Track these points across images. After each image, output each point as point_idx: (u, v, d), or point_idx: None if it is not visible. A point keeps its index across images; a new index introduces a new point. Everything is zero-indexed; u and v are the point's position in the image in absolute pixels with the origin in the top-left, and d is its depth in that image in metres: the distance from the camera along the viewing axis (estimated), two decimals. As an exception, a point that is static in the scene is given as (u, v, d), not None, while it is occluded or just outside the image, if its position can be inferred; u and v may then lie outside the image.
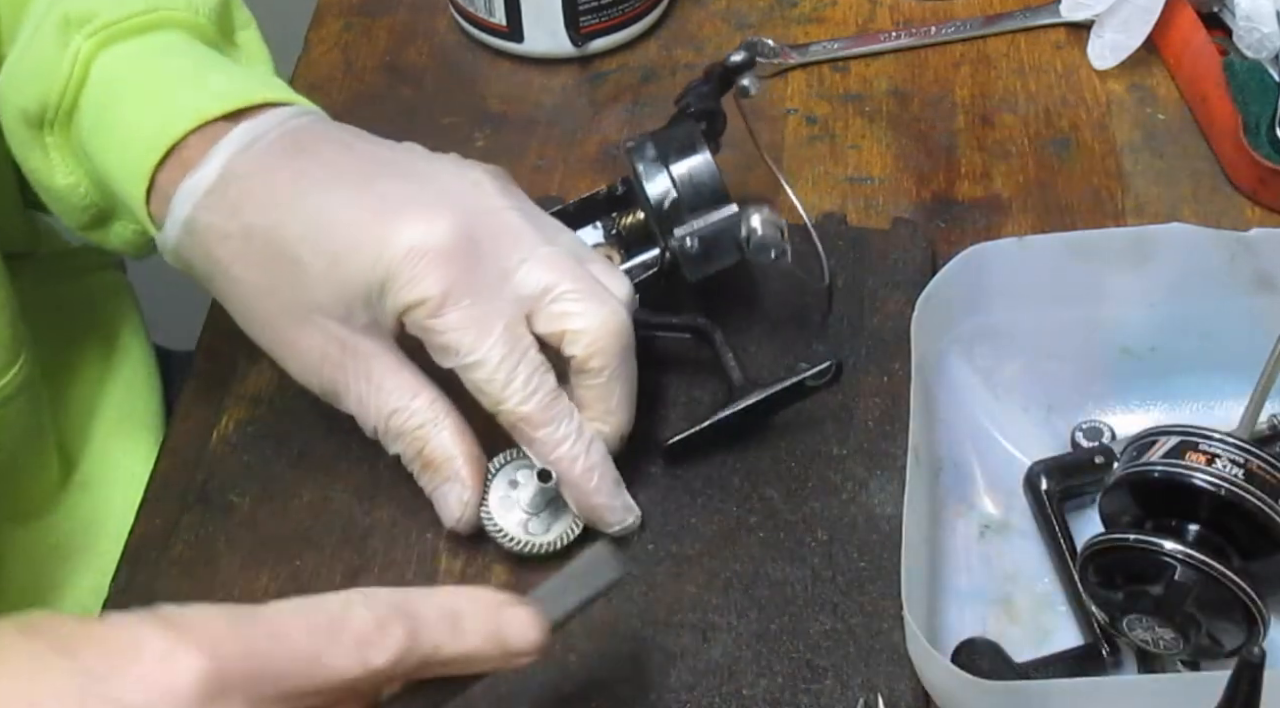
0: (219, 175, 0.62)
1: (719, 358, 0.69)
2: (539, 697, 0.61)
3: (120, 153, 0.64)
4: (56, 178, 0.67)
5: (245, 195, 0.62)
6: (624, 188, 0.71)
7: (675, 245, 0.68)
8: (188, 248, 0.63)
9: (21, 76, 0.66)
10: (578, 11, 0.86)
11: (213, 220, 0.62)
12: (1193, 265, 0.67)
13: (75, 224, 0.70)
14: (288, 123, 0.64)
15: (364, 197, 0.61)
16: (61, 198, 0.68)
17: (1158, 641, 0.59)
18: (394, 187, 0.62)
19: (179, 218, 0.63)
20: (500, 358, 0.60)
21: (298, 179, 0.62)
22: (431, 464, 0.63)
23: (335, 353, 0.62)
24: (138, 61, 0.65)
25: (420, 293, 0.59)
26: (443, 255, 0.59)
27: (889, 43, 0.89)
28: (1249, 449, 0.59)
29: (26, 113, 0.65)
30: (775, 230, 0.68)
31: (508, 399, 0.61)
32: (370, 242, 0.60)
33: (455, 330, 0.60)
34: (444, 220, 0.60)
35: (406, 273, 0.59)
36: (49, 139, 0.66)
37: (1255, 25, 0.81)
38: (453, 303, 0.59)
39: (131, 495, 0.74)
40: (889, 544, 0.64)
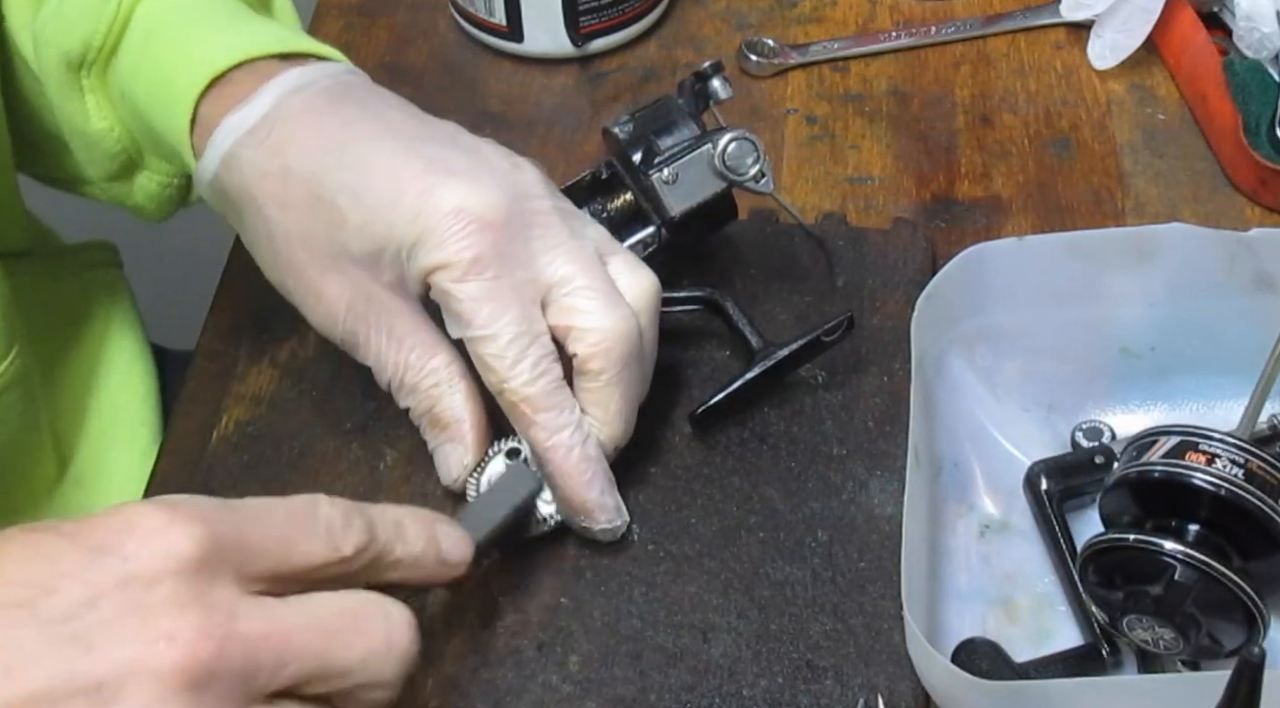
0: (265, 114, 0.62)
1: (730, 326, 0.70)
2: (539, 697, 0.61)
3: (164, 85, 0.65)
4: (92, 121, 0.68)
5: (290, 136, 0.62)
6: (609, 172, 0.72)
7: (655, 183, 0.69)
8: (225, 182, 0.64)
9: (66, 19, 0.66)
10: (578, 11, 0.86)
11: (254, 157, 0.62)
12: (1193, 265, 0.67)
13: (102, 173, 0.71)
14: (338, 76, 0.65)
15: (411, 155, 0.62)
16: (95, 144, 0.69)
17: (1158, 641, 0.59)
18: (441, 151, 0.62)
19: (219, 151, 0.63)
20: (512, 336, 0.60)
21: (345, 127, 0.63)
22: (439, 423, 0.64)
23: (360, 304, 0.62)
24: (182, 6, 0.66)
25: (450, 255, 0.60)
26: (479, 223, 0.60)
27: (889, 43, 0.89)
28: (1249, 449, 0.59)
29: (69, 55, 0.66)
30: (748, 144, 0.68)
31: (513, 378, 0.61)
32: (411, 198, 0.60)
33: (473, 300, 0.60)
34: (487, 190, 0.60)
35: (441, 233, 0.59)
36: (86, 82, 0.67)
37: (1255, 25, 0.81)
38: (477, 272, 0.60)
39: (127, 493, 0.74)
40: (889, 544, 0.64)
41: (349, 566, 0.53)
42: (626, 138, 0.71)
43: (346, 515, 0.53)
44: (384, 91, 0.67)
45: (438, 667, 0.62)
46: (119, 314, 0.85)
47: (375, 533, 0.54)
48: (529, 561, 0.65)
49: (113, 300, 0.86)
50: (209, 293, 0.77)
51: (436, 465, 0.65)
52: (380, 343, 0.63)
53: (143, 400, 0.82)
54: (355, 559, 0.53)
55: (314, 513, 0.52)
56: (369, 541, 0.53)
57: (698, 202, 0.70)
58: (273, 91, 0.63)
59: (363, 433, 0.70)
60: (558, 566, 0.65)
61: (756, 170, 0.69)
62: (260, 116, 0.63)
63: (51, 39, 0.67)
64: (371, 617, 0.52)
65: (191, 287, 0.76)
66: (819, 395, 0.70)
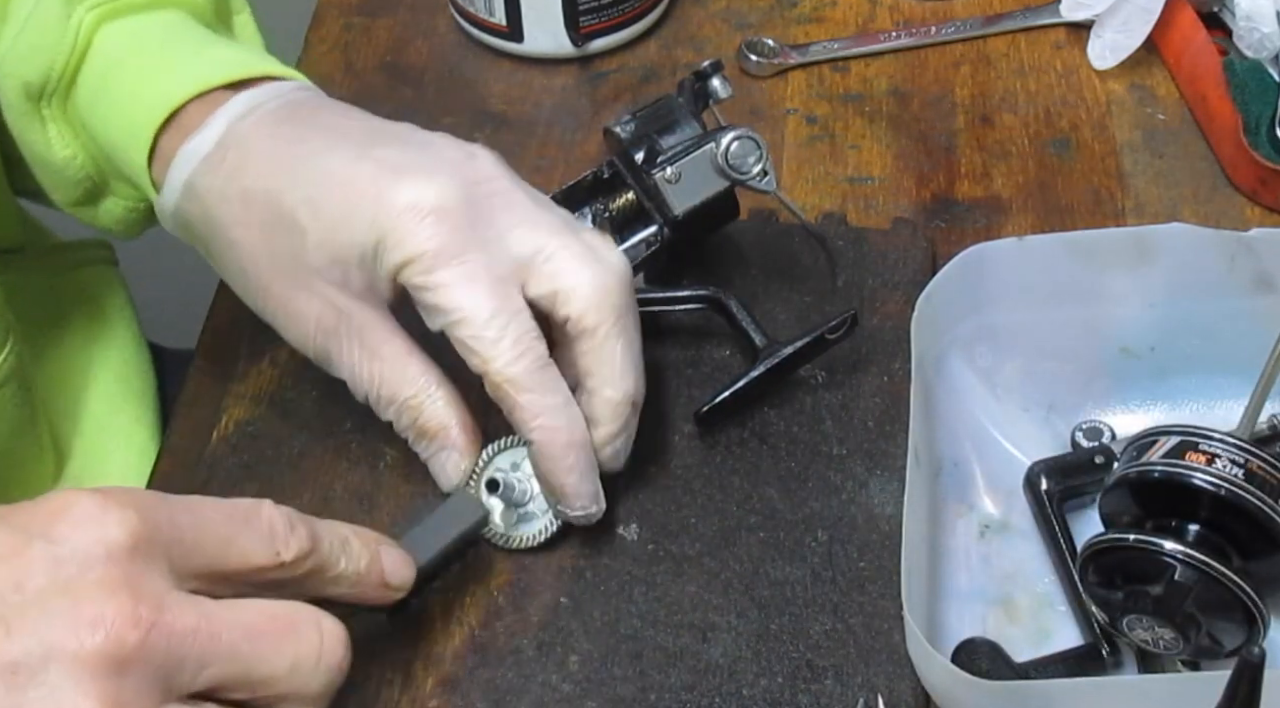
0: (218, 140, 0.63)
1: (733, 324, 0.70)
2: (539, 697, 0.61)
3: (122, 120, 0.65)
4: (54, 150, 0.68)
5: (245, 159, 0.63)
6: (610, 171, 0.72)
7: (658, 182, 0.69)
8: (187, 212, 0.64)
9: (24, 49, 0.66)
10: (578, 11, 0.86)
11: (212, 184, 0.63)
12: (1193, 265, 0.67)
13: (68, 200, 0.71)
14: (288, 94, 0.65)
15: (362, 160, 0.62)
16: (58, 171, 0.69)
17: (1158, 641, 0.59)
18: (392, 152, 0.62)
19: (178, 181, 0.63)
20: (489, 314, 0.60)
21: (297, 144, 0.63)
22: (426, 433, 0.63)
23: (330, 319, 0.62)
24: (138, 36, 0.66)
25: (413, 250, 0.59)
26: (437, 214, 0.59)
27: (889, 43, 0.89)
28: (1249, 449, 0.59)
29: (29, 86, 0.67)
30: (750, 142, 0.68)
31: (495, 358, 0.60)
32: (367, 202, 0.60)
33: (445, 287, 0.59)
34: (439, 182, 0.60)
35: (401, 230, 0.59)
36: (46, 112, 0.67)
37: (1255, 25, 0.81)
38: (444, 261, 0.59)
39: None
40: (889, 544, 0.65)
41: (289, 572, 0.52)
42: (628, 137, 0.71)
43: (290, 522, 0.53)
44: (335, 103, 0.67)
45: (438, 667, 0.62)
46: (115, 312, 0.85)
47: (319, 544, 0.53)
48: (529, 560, 0.65)
49: (108, 298, 0.86)
50: (208, 292, 0.77)
51: (434, 475, 0.65)
52: (353, 356, 0.62)
53: (140, 399, 0.82)
54: (295, 566, 0.52)
55: (256, 515, 0.52)
56: (311, 549, 0.53)
57: (700, 200, 0.70)
58: (223, 118, 0.63)
59: (363, 433, 0.69)
60: (558, 566, 0.65)
61: (759, 169, 0.69)
62: (214, 143, 0.63)
63: (11, 70, 0.67)
64: (304, 626, 0.51)
65: (190, 286, 0.76)
66: (819, 395, 0.70)
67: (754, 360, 0.68)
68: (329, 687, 0.52)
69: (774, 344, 0.68)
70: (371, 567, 0.56)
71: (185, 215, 0.64)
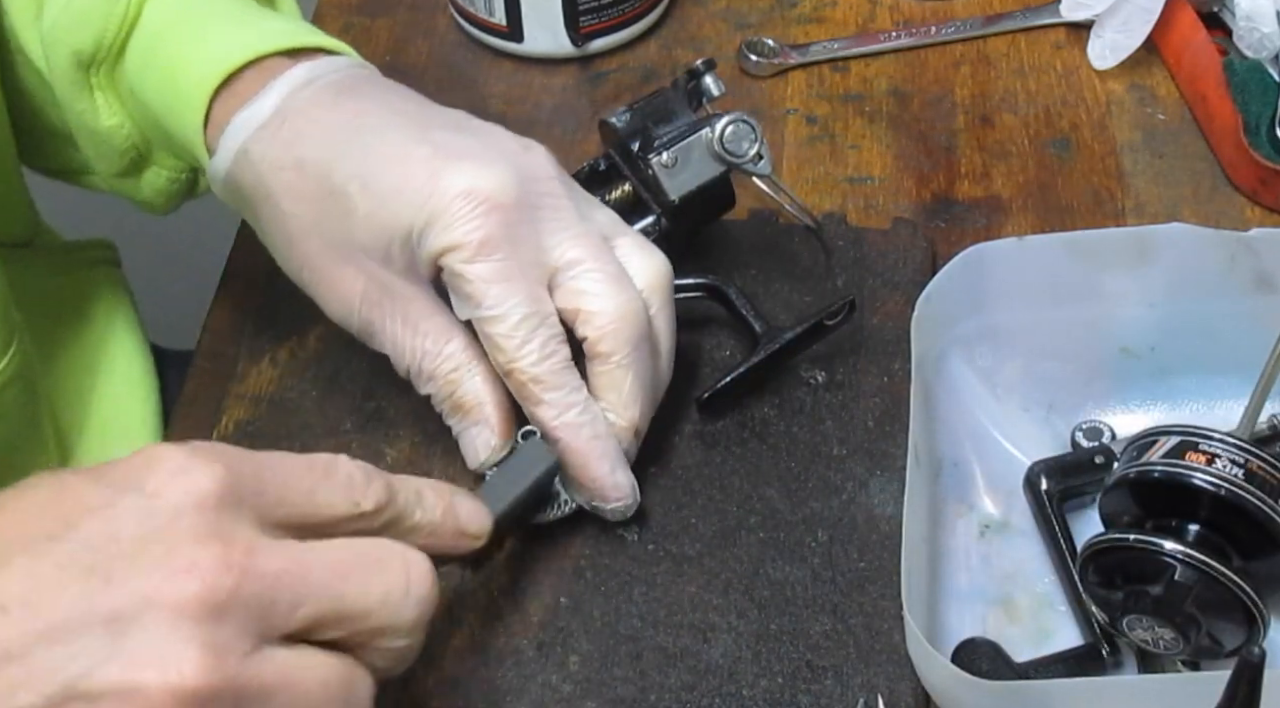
0: (276, 108, 0.63)
1: (733, 312, 0.70)
2: (539, 697, 0.61)
3: (176, 85, 0.65)
4: (102, 119, 0.69)
5: (302, 129, 0.63)
6: (606, 164, 0.72)
7: (654, 168, 0.69)
8: (239, 179, 0.64)
9: (74, 18, 0.67)
10: (578, 11, 0.86)
11: (267, 152, 0.63)
12: (1193, 265, 0.67)
13: (111, 170, 0.72)
14: (345, 69, 0.66)
15: (420, 142, 0.62)
16: (104, 140, 0.70)
17: (1158, 641, 0.59)
18: (450, 137, 0.63)
19: (232, 147, 0.64)
20: (522, 316, 0.61)
21: (355, 118, 0.63)
22: (461, 407, 0.64)
23: (374, 293, 0.63)
24: (189, 5, 0.67)
25: (459, 236, 0.60)
26: (488, 205, 0.60)
27: (889, 43, 0.89)
28: (1249, 449, 0.59)
29: (79, 54, 0.67)
30: (745, 126, 0.69)
31: (522, 358, 0.61)
32: (421, 182, 0.60)
33: (483, 281, 0.60)
34: (496, 172, 0.61)
35: (451, 215, 0.60)
36: (95, 80, 0.68)
37: (1255, 25, 0.81)
38: (486, 253, 0.60)
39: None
40: (889, 544, 0.64)
41: (368, 522, 0.53)
42: (625, 128, 0.71)
43: (367, 474, 0.53)
44: (392, 83, 0.67)
45: (438, 667, 0.62)
46: (119, 313, 0.85)
47: (395, 495, 0.54)
48: (529, 560, 0.65)
49: (112, 299, 0.86)
50: (209, 293, 0.77)
51: (463, 450, 0.65)
52: (395, 330, 0.63)
53: (144, 401, 0.82)
54: (375, 516, 0.53)
55: (335, 468, 0.53)
56: (388, 500, 0.54)
57: (697, 186, 0.70)
58: (282, 87, 0.64)
59: (363, 433, 0.70)
60: (558, 565, 0.65)
61: (754, 152, 0.69)
62: (271, 111, 0.63)
63: (61, 38, 0.67)
64: (390, 560, 0.52)
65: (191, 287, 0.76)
66: (819, 395, 0.70)
67: (753, 349, 0.69)
68: (421, 618, 0.53)
69: (774, 330, 0.69)
70: (446, 516, 0.56)
71: (237, 182, 0.64)
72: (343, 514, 0.52)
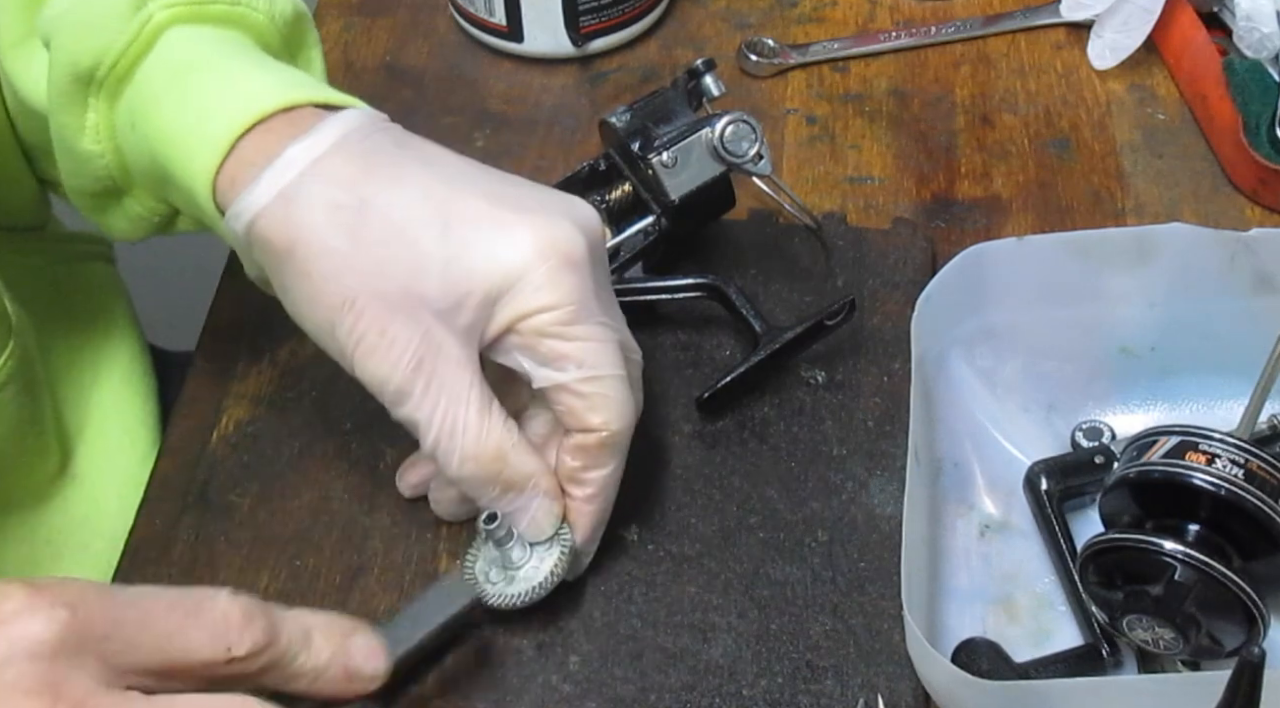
0: (334, 144, 0.59)
1: (733, 311, 0.70)
2: (539, 697, 0.61)
3: (190, 120, 0.61)
4: (84, 141, 0.64)
5: (367, 171, 0.59)
6: (606, 164, 0.72)
7: (655, 167, 0.69)
8: (278, 216, 0.59)
9: (83, 25, 0.62)
10: (578, 11, 0.86)
11: (324, 190, 0.58)
12: (1193, 265, 0.67)
13: (80, 190, 0.68)
14: (392, 124, 0.62)
15: (494, 197, 0.59)
16: (82, 162, 0.66)
17: (1158, 641, 0.59)
18: (523, 192, 0.60)
19: (279, 182, 0.58)
20: (621, 376, 0.60)
21: (424, 167, 0.60)
22: (515, 485, 0.60)
23: (425, 351, 0.58)
24: (213, 44, 0.63)
25: (557, 298, 0.58)
26: (578, 264, 0.58)
27: (889, 43, 0.89)
28: (1249, 449, 0.59)
29: (78, 67, 0.62)
30: (745, 126, 0.69)
31: (616, 421, 0.60)
32: (501, 238, 0.58)
33: (584, 341, 0.58)
34: (579, 231, 0.59)
35: (542, 274, 0.57)
36: (91, 100, 0.63)
37: (1255, 25, 0.81)
38: (585, 316, 0.58)
39: (125, 493, 0.74)
40: (889, 544, 0.65)
41: (243, 667, 0.51)
42: (625, 128, 0.71)
43: (248, 613, 0.51)
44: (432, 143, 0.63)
45: (438, 667, 0.62)
46: (117, 311, 0.85)
47: (277, 637, 0.52)
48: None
49: (109, 296, 0.86)
50: (208, 294, 0.77)
51: (522, 528, 0.61)
52: (438, 399, 0.58)
53: (143, 401, 0.82)
54: (249, 661, 0.51)
55: (208, 607, 0.51)
56: (267, 642, 0.51)
57: (697, 185, 0.70)
58: (338, 126, 0.60)
59: (363, 433, 0.70)
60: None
61: (754, 152, 0.69)
62: (329, 147, 0.59)
63: (62, 43, 0.63)
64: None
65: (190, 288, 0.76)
66: (819, 395, 0.70)
67: (753, 348, 0.69)
68: None
69: (774, 330, 0.69)
70: (334, 660, 0.54)
71: (274, 218, 0.59)
72: (210, 659, 0.50)
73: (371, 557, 0.66)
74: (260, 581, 0.65)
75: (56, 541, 0.76)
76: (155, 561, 0.66)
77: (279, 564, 0.66)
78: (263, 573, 0.65)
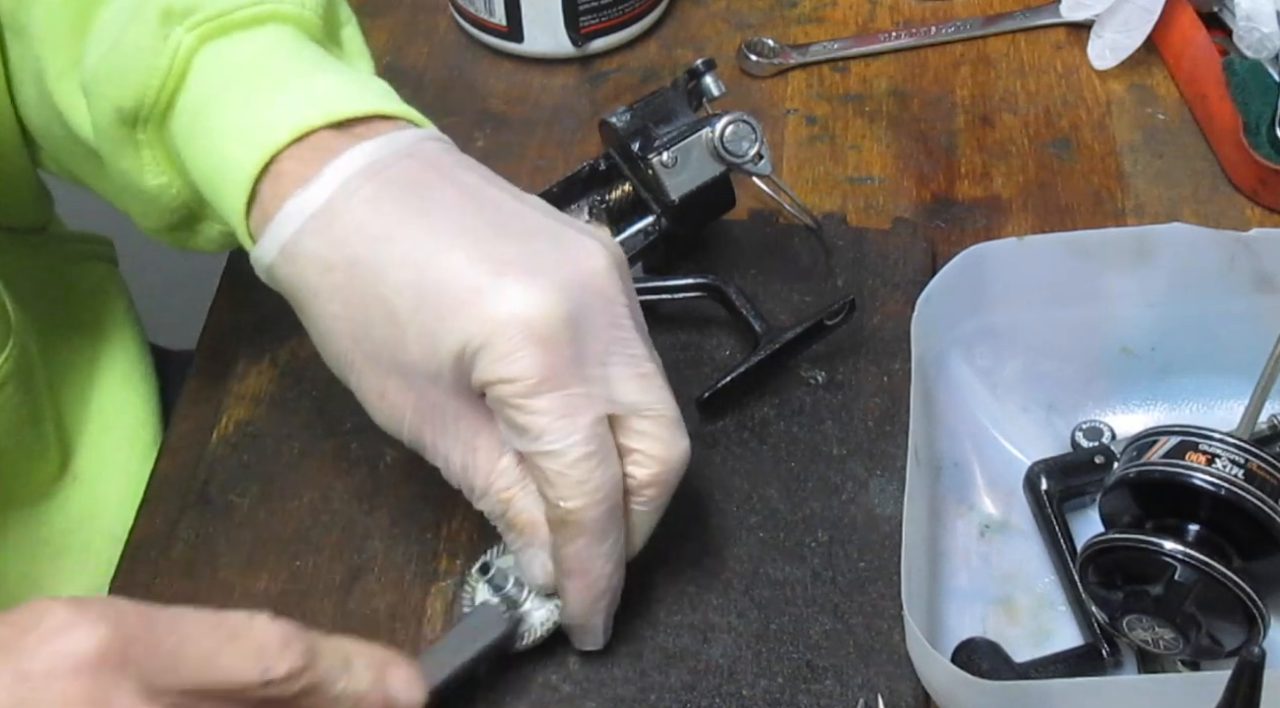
0: (329, 198, 0.57)
1: (733, 311, 0.70)
2: (539, 697, 0.61)
3: (216, 161, 0.60)
4: (147, 178, 0.63)
5: (359, 227, 0.57)
6: (606, 163, 0.72)
7: (655, 167, 0.69)
8: (284, 272, 0.59)
9: (118, 71, 0.61)
10: (578, 11, 0.86)
11: (318, 248, 0.57)
12: (1193, 265, 0.67)
13: (158, 226, 0.67)
14: (412, 148, 0.59)
15: (480, 257, 0.56)
16: (152, 200, 0.64)
17: (1158, 641, 0.59)
18: (517, 247, 0.57)
19: (279, 239, 0.58)
20: (581, 455, 0.56)
21: (413, 221, 0.57)
22: (516, 526, 0.59)
23: (425, 408, 0.58)
24: (239, 61, 0.61)
25: (516, 371, 0.55)
26: (545, 335, 0.55)
27: (889, 43, 0.89)
28: (1249, 449, 0.59)
29: (122, 110, 0.61)
30: (745, 126, 0.69)
31: (572, 500, 0.56)
32: (472, 306, 0.55)
33: (544, 415, 0.55)
34: (559, 297, 0.55)
35: (504, 345, 0.55)
36: (141, 137, 0.62)
37: (1255, 25, 0.81)
38: (547, 388, 0.55)
39: (125, 492, 0.74)
40: (889, 544, 0.64)
41: (280, 690, 0.51)
42: (625, 128, 0.71)
43: (286, 637, 0.51)
44: (465, 161, 0.61)
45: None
46: (118, 310, 0.85)
47: (315, 661, 0.51)
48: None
49: (111, 296, 0.86)
50: (208, 293, 0.77)
51: (521, 568, 0.61)
52: (447, 447, 0.58)
53: (144, 401, 0.82)
54: (287, 684, 0.50)
55: (247, 629, 0.50)
56: (305, 666, 0.51)
57: (697, 186, 0.70)
58: (338, 174, 0.57)
59: (363, 433, 0.70)
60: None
61: (754, 152, 0.69)
62: (324, 201, 0.57)
63: (103, 92, 0.62)
64: None
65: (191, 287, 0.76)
66: (819, 395, 0.70)
67: (754, 348, 0.69)
68: None
69: (774, 330, 0.69)
70: (375, 688, 0.54)
71: (282, 273, 0.59)
72: (248, 682, 0.50)
73: (371, 557, 0.66)
74: (260, 581, 0.65)
75: (56, 540, 0.76)
76: (155, 561, 0.66)
77: (279, 564, 0.66)
78: (263, 573, 0.65)
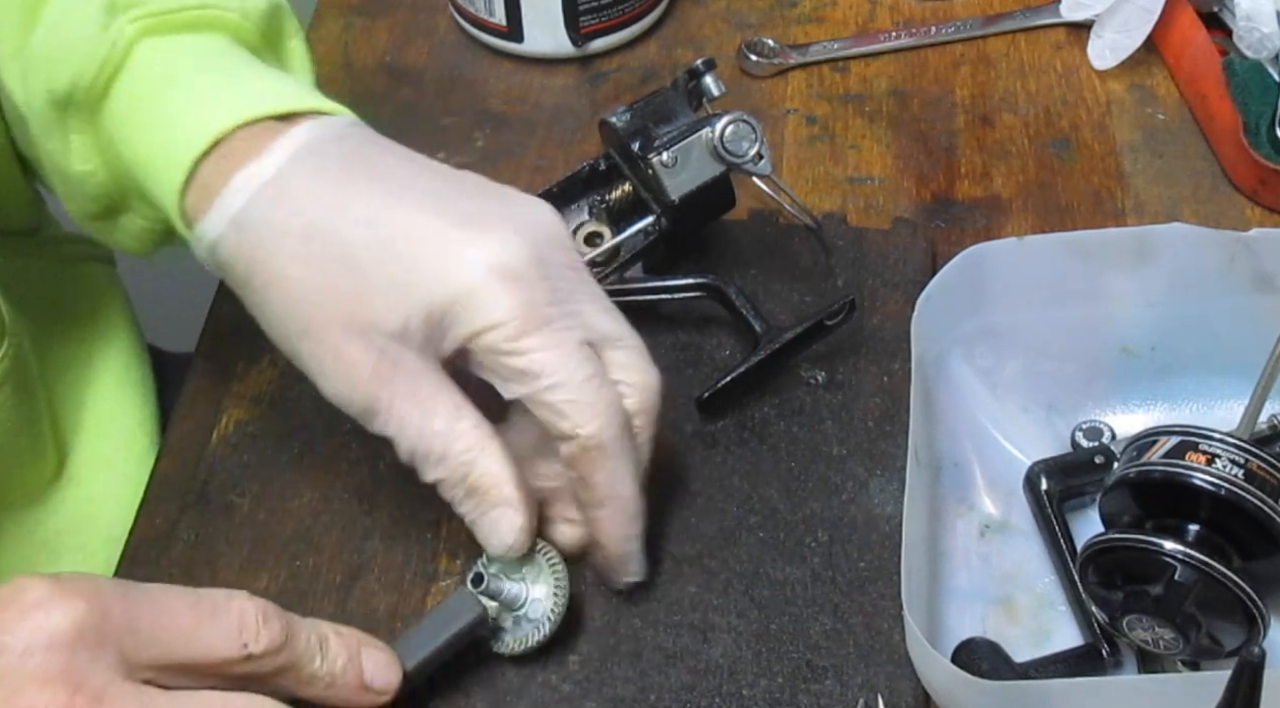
0: (279, 169, 0.59)
1: (733, 311, 0.70)
2: (539, 697, 0.61)
3: (157, 140, 0.61)
4: (73, 163, 0.64)
5: (311, 192, 0.59)
6: (606, 164, 0.72)
7: (655, 167, 0.69)
8: (232, 243, 0.59)
9: (55, 53, 0.62)
10: (578, 11, 0.86)
11: (271, 215, 0.58)
12: (1193, 265, 0.67)
13: (82, 213, 0.68)
14: (350, 130, 0.61)
15: (439, 212, 0.58)
16: (76, 184, 0.66)
17: (1158, 641, 0.59)
18: (470, 204, 0.59)
19: (229, 210, 0.59)
20: (584, 378, 0.57)
21: (370, 183, 0.59)
22: (478, 489, 0.59)
23: (385, 369, 0.58)
24: (182, 56, 0.62)
25: (500, 315, 0.56)
26: (515, 278, 0.57)
27: (889, 43, 0.89)
28: (1249, 449, 0.59)
29: (54, 93, 0.62)
30: (745, 126, 0.69)
31: (588, 423, 0.57)
32: (442, 257, 0.57)
33: (537, 352, 0.57)
34: (523, 242, 0.57)
35: (483, 293, 0.56)
36: (71, 122, 0.63)
37: (1255, 25, 0.81)
38: (532, 327, 0.57)
39: (122, 494, 0.74)
40: (889, 544, 0.65)
41: (257, 666, 0.51)
42: (624, 128, 0.71)
43: (264, 614, 0.52)
44: (392, 144, 0.63)
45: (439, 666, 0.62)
46: (115, 311, 0.85)
47: (293, 640, 0.52)
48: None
49: (107, 297, 0.86)
50: (208, 293, 0.77)
51: (484, 538, 0.60)
52: (404, 410, 0.58)
53: (140, 402, 0.82)
54: (264, 660, 0.51)
55: (226, 606, 0.51)
56: (283, 643, 0.52)
57: (697, 186, 0.70)
58: (284, 147, 0.59)
59: (363, 433, 0.69)
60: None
61: (754, 152, 0.69)
62: (274, 171, 0.59)
63: (39, 70, 0.63)
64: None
65: (190, 287, 0.76)
66: (819, 395, 0.70)
67: (754, 348, 0.69)
68: None
69: (774, 330, 0.69)
70: (350, 668, 0.55)
71: (230, 248, 0.59)
72: (226, 657, 0.50)
73: (371, 557, 0.66)
74: (260, 580, 0.65)
75: (53, 542, 0.76)
76: (155, 561, 0.66)
77: (279, 564, 0.66)
78: (263, 573, 0.65)
